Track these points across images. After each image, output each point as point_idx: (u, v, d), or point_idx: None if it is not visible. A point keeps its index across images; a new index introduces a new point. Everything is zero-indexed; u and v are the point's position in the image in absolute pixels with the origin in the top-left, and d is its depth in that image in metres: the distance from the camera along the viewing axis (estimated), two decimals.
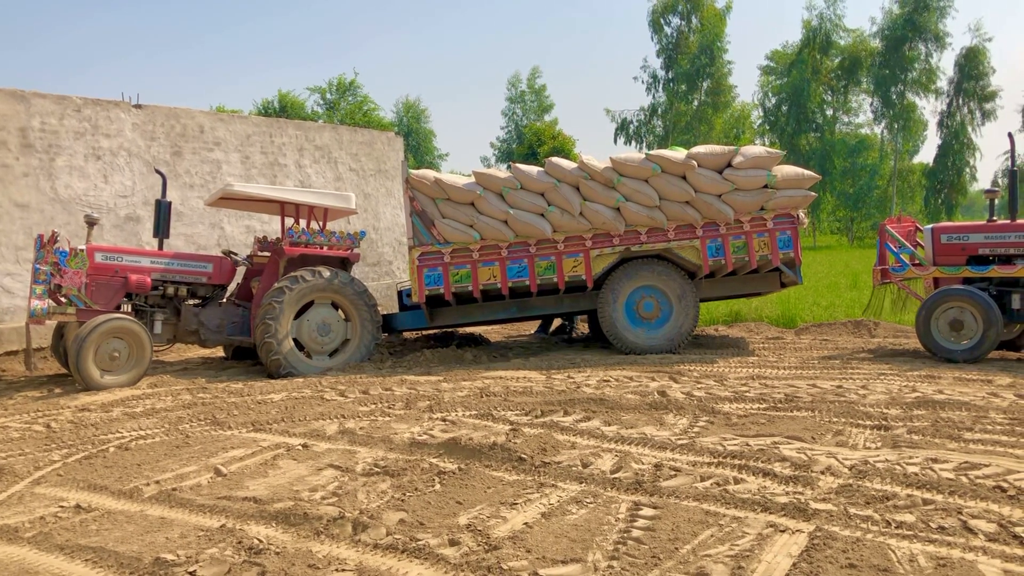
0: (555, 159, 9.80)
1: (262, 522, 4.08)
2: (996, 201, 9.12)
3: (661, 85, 50.18)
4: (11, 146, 10.75)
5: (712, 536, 3.69)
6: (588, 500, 4.24)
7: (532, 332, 12.40)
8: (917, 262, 9.28)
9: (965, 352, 8.41)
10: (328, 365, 9.18)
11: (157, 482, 4.83)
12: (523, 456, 4.99)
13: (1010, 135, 9.79)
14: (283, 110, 37.68)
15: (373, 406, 6.90)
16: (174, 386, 8.29)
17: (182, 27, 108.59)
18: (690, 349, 9.73)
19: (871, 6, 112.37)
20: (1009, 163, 9.75)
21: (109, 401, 7.47)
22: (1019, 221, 8.77)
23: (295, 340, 9.12)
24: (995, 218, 8.99)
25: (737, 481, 4.46)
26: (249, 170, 13.73)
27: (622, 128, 50.97)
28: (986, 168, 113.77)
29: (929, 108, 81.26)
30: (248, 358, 10.19)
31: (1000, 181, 46.74)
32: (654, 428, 5.75)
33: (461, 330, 11.69)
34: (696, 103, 49.79)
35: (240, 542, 3.79)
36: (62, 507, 4.44)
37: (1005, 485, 4.21)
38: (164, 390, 8.05)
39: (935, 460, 4.73)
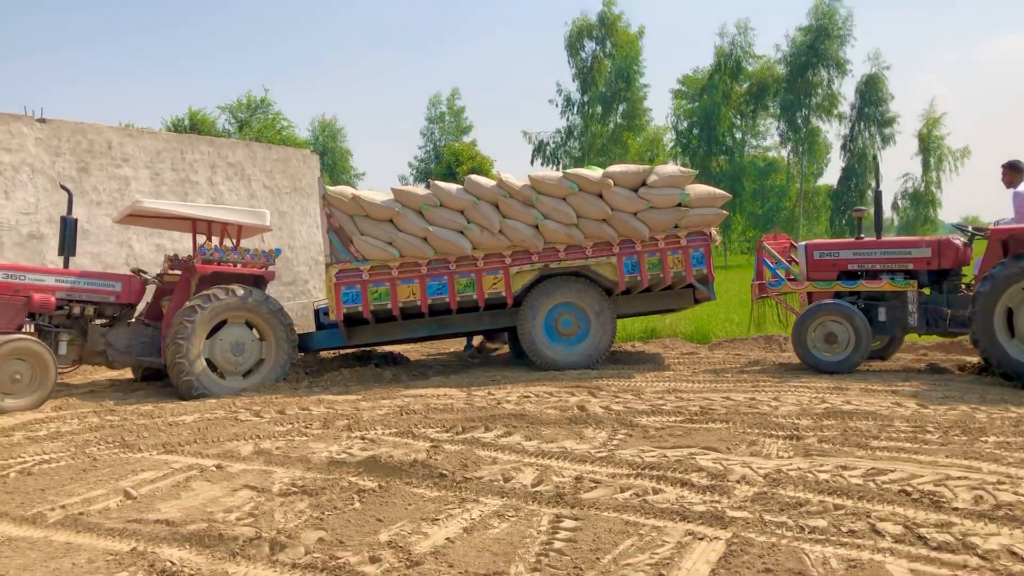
0: (474, 177, 9.82)
1: (175, 544, 3.95)
2: (863, 220, 9.59)
3: (576, 108, 50.97)
4: None
5: (632, 545, 3.73)
6: (510, 514, 4.24)
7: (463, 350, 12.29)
8: (792, 277, 9.67)
9: (838, 363, 8.76)
10: (243, 386, 8.94)
11: (63, 507, 4.63)
12: (444, 472, 4.96)
13: (875, 159, 10.34)
14: (193, 128, 36.84)
15: (290, 426, 6.76)
16: (80, 409, 7.98)
17: (88, 38, 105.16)
18: (608, 365, 9.83)
19: (779, 34, 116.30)
20: (879, 185, 10.19)
21: (10, 425, 7.14)
22: (884, 238, 9.27)
23: (208, 360, 8.87)
24: (862, 235, 9.42)
25: (656, 491, 4.52)
26: (159, 187, 13.38)
27: (539, 150, 51.52)
28: (887, 189, 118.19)
29: (833, 132, 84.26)
30: (158, 380, 9.87)
31: (900, 202, 49.17)
32: (574, 442, 5.79)
33: (380, 349, 11.57)
34: (612, 125, 50.72)
35: (152, 565, 3.66)
36: None
37: (909, 489, 4.38)
38: (70, 413, 7.74)
39: (844, 467, 4.89)
